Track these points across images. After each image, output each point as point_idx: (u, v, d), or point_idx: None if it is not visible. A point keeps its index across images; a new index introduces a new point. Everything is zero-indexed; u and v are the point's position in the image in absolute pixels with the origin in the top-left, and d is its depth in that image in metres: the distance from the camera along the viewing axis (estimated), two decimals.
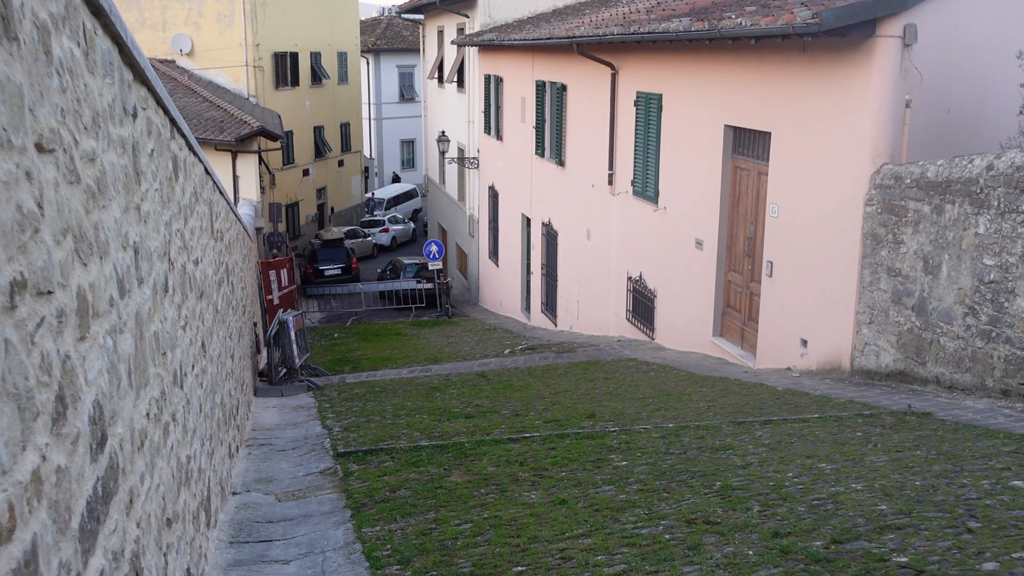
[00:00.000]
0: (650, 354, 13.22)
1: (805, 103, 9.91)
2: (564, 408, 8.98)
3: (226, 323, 8.11)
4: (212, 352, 6.48)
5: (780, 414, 7.60)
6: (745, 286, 11.67)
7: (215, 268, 7.29)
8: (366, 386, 12.94)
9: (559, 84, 18.45)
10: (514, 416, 8.82)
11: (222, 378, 7.22)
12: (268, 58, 33.41)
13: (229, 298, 8.70)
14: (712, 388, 9.48)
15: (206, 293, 6.36)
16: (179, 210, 5.07)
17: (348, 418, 10.13)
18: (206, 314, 6.21)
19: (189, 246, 5.47)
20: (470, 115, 27.07)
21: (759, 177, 11.20)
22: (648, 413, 8.17)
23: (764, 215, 11.01)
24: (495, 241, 25.11)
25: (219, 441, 6.51)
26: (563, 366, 12.80)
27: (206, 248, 6.59)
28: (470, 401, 10.23)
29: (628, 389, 10.00)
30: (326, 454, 7.97)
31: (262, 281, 20.24)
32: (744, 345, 11.75)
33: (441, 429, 8.47)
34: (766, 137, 10.88)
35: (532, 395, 10.22)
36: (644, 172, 14.35)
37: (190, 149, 5.95)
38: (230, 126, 25.13)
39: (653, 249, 14.23)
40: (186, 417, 4.68)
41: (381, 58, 51.49)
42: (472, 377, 12.53)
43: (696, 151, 12.61)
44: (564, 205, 18.69)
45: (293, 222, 35.16)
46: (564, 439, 7.22)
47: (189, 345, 5.08)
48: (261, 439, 9.44)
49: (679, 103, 13.09)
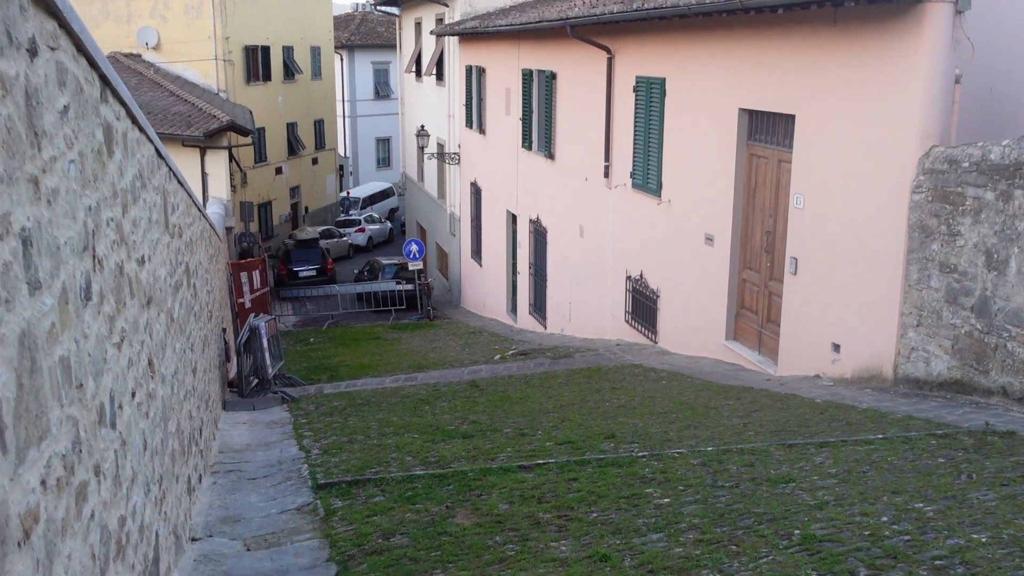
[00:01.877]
0: (655, 359, 12.18)
1: (837, 81, 8.89)
2: (575, 425, 7.90)
3: (186, 333, 6.97)
4: (165, 370, 5.35)
5: (833, 433, 6.56)
6: (763, 285, 10.65)
7: (170, 269, 6.15)
8: (346, 398, 11.80)
9: (548, 72, 17.37)
10: (519, 435, 7.72)
11: (179, 399, 6.08)
12: (238, 52, 32.10)
13: (190, 303, 7.55)
14: (739, 400, 8.44)
15: (156, 299, 5.23)
16: (114, 194, 3.95)
17: (328, 437, 9.00)
18: (156, 325, 5.07)
19: (130, 241, 4.34)
20: (450, 109, 25.94)
21: (779, 165, 10.17)
22: (676, 432, 7.10)
23: (786, 207, 10.00)
24: (478, 240, 24.00)
25: (174, 478, 5.38)
26: (562, 373, 11.72)
27: (157, 245, 5.45)
28: (465, 416, 9.13)
29: (643, 401, 8.93)
30: (304, 484, 6.84)
31: (232, 283, 19.04)
32: (762, 349, 10.72)
33: (436, 452, 7.36)
34: (789, 121, 9.86)
35: (535, 409, 9.13)
36: (645, 163, 13.31)
37: (135, 123, 4.82)
38: (198, 121, 23.88)
39: (656, 246, 13.19)
40: (120, 464, 3.56)
41: (355, 54, 50.18)
42: (463, 387, 11.42)
43: (705, 139, 11.58)
44: (554, 201, 17.62)
45: (266, 222, 33.85)
46: (585, 466, 6.14)
47: (128, 367, 3.96)
48: (229, 464, 8.28)
49: (685, 87, 12.05)
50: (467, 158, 24.52)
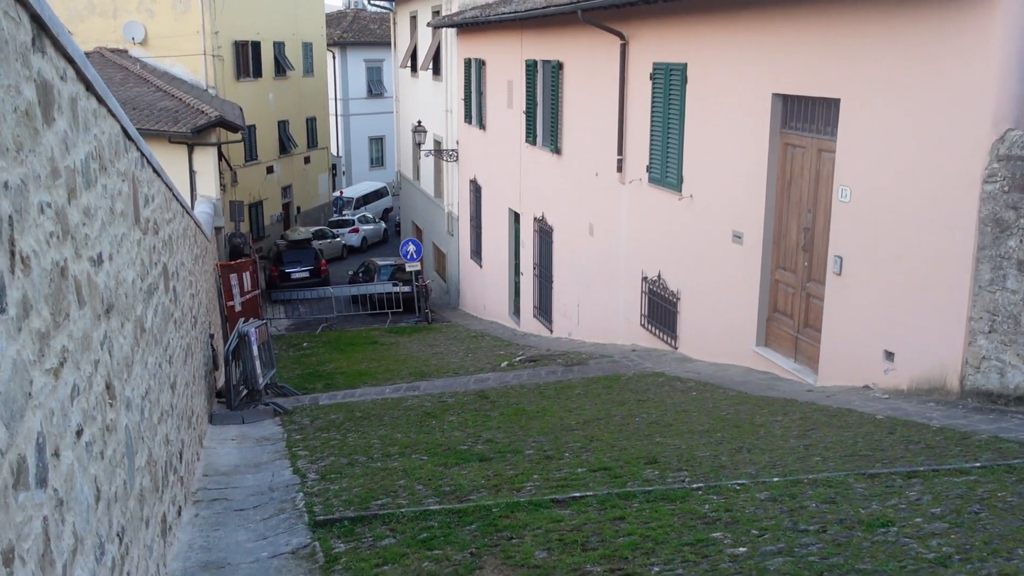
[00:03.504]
0: (678, 367, 11.27)
1: (891, 58, 8.00)
2: (607, 446, 6.98)
3: (162, 343, 6.03)
4: (131, 393, 4.42)
5: (915, 460, 5.66)
6: (800, 286, 9.76)
7: (141, 270, 5.21)
8: (344, 410, 10.87)
9: (554, 62, 16.46)
10: (544, 459, 6.80)
11: (152, 424, 5.15)
12: (228, 47, 31.10)
13: (168, 309, 6.61)
14: (787, 415, 7.53)
15: (121, 307, 4.30)
16: (53, 173, 3.04)
17: (325, 457, 8.07)
18: (119, 338, 4.15)
19: (80, 236, 3.42)
20: (448, 104, 25.01)
21: (819, 155, 9.28)
22: (729, 457, 6.19)
23: (828, 200, 9.10)
24: (478, 240, 23.07)
25: (143, 523, 4.44)
26: (578, 383, 10.81)
27: (122, 242, 4.52)
28: (478, 434, 8.20)
29: (677, 416, 8.02)
30: (299, 520, 5.91)
31: (222, 286, 18.10)
32: (799, 357, 9.83)
33: (451, 479, 6.44)
34: (832, 106, 8.97)
35: (556, 425, 8.21)
36: (664, 156, 12.40)
37: (91, 91, 3.90)
38: (186, 116, 22.90)
39: (675, 245, 12.29)
40: (54, 534, 2.63)
41: (348, 52, 49.18)
42: (472, 399, 10.50)
43: (733, 128, 10.68)
44: (561, 197, 16.70)
45: (257, 222, 32.85)
46: (630, 501, 5.23)
47: (71, 397, 3.03)
48: (214, 490, 7.34)
49: (709, 72, 11.15)
50: (466, 155, 23.59)
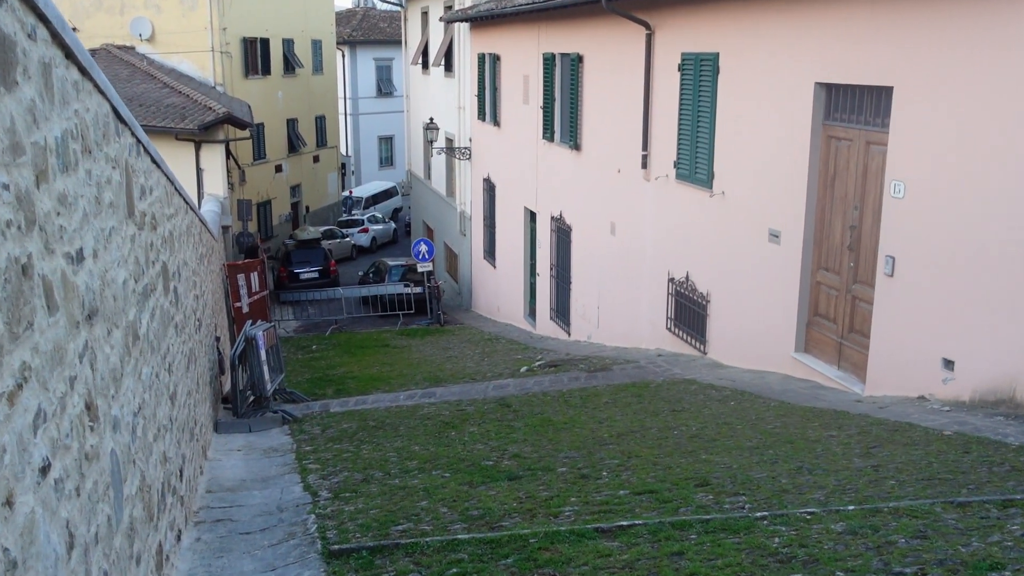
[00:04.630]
0: (709, 373, 10.64)
1: (953, 42, 7.36)
2: (648, 464, 6.36)
3: (160, 351, 5.44)
4: (120, 411, 3.83)
5: (1003, 484, 5.03)
6: (844, 288, 9.13)
7: (135, 270, 4.62)
8: (356, 418, 10.28)
9: (573, 55, 15.84)
10: (579, 478, 6.19)
11: (147, 443, 4.56)
12: (236, 44, 30.56)
13: (168, 313, 6.03)
14: (843, 430, 6.90)
15: (108, 311, 3.72)
16: (13, 148, 2.46)
17: (338, 471, 7.47)
18: (104, 348, 3.56)
19: (52, 227, 2.84)
20: (460, 101, 24.42)
21: (868, 148, 8.65)
22: (789, 478, 5.56)
23: (878, 196, 8.47)
24: (492, 239, 22.47)
25: (132, 560, 3.85)
26: (605, 390, 10.19)
27: (111, 237, 3.94)
28: (503, 447, 7.59)
29: (719, 430, 7.39)
30: (311, 547, 5.31)
31: (229, 286, 17.54)
32: (843, 364, 9.19)
33: (478, 501, 5.83)
34: (883, 95, 8.34)
35: (587, 438, 7.59)
36: (693, 151, 11.78)
37: (71, 60, 3.32)
38: (193, 113, 22.37)
39: (705, 244, 11.66)
40: None
41: (357, 50, 48.61)
42: (492, 407, 9.89)
43: (769, 121, 10.06)
44: (580, 195, 16.09)
45: (265, 222, 32.31)
46: (686, 532, 4.61)
47: (33, 428, 2.44)
48: (218, 508, 6.75)
49: (744, 62, 10.53)
50: (479, 152, 22.99)
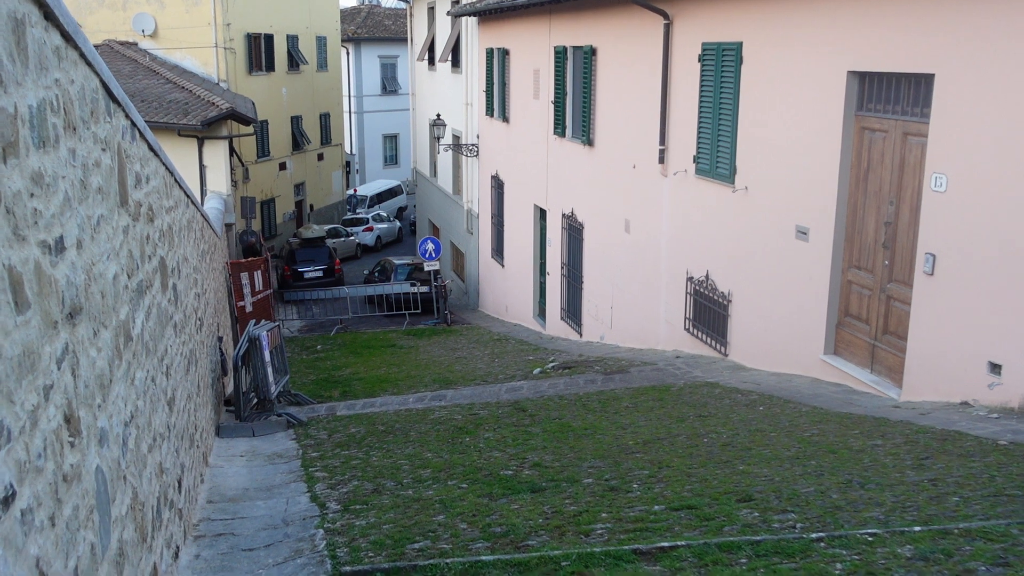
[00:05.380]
0: (732, 376, 10.20)
1: (1003, 25, 6.92)
2: (681, 475, 5.91)
3: (157, 352, 5.02)
4: (108, 421, 3.40)
5: None
6: (878, 288, 8.68)
7: (128, 264, 4.19)
8: (364, 422, 9.85)
9: (586, 48, 15.40)
10: (608, 491, 5.74)
11: (141, 454, 4.13)
12: (240, 40, 30.16)
13: (166, 311, 5.60)
14: (887, 438, 6.45)
15: (94, 309, 3.29)
16: None
17: (347, 481, 7.04)
18: (88, 352, 3.13)
19: (22, 210, 2.42)
20: (468, 97, 23.99)
21: (905, 139, 8.20)
22: (840, 493, 5.12)
23: (917, 190, 8.02)
24: (500, 238, 22.03)
25: None
26: (624, 394, 9.75)
27: (99, 226, 3.51)
28: (522, 455, 7.15)
29: (752, 437, 6.95)
30: (320, 567, 4.87)
31: (232, 285, 17.14)
32: (876, 367, 8.75)
33: (500, 516, 5.39)
34: (923, 82, 7.89)
35: (611, 446, 7.15)
36: (714, 145, 11.33)
37: (50, 21, 2.89)
38: (196, 108, 21.98)
39: (727, 241, 11.21)
40: None
41: (362, 48, 48.21)
42: (507, 411, 9.45)
43: (798, 112, 9.61)
44: (593, 192, 15.65)
45: (269, 220, 31.89)
46: (735, 555, 4.18)
47: None
48: (219, 521, 6.32)
49: (770, 51, 10.08)
50: (487, 149, 22.56)
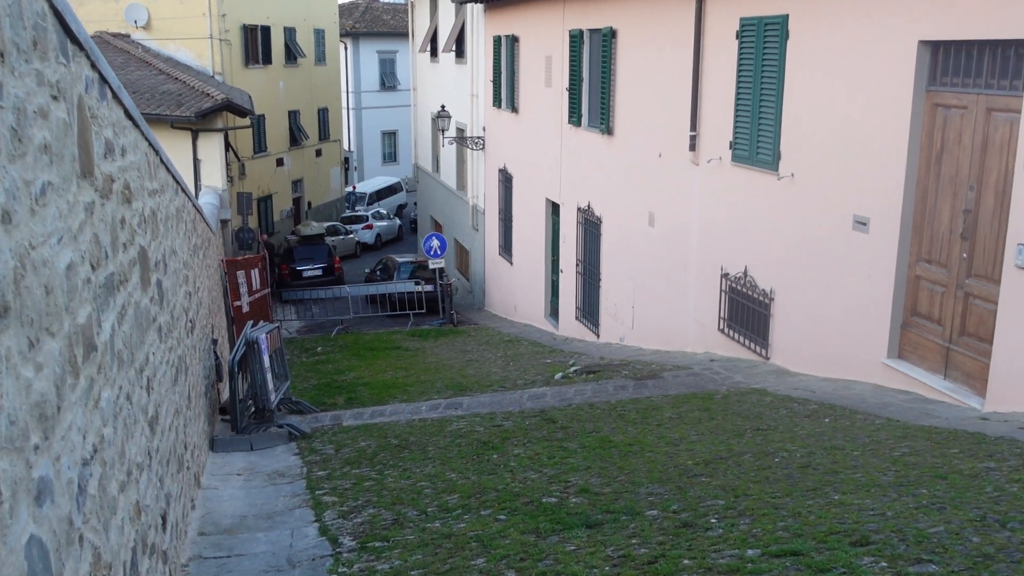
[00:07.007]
0: (778, 382, 9.25)
1: None
2: (766, 506, 4.95)
3: (135, 363, 4.05)
4: (53, 468, 2.41)
5: None
6: (954, 284, 7.73)
7: (92, 251, 3.22)
8: (375, 434, 8.88)
9: (605, 30, 14.45)
10: (681, 526, 4.78)
11: (107, 501, 3.16)
12: (236, 31, 29.18)
13: (149, 312, 4.63)
14: (1000, 460, 5.49)
15: (32, 310, 2.30)
16: None
17: (361, 508, 6.08)
18: (22, 372, 2.15)
19: None
20: (473, 88, 23.02)
21: (988, 116, 7.26)
22: (980, 536, 4.15)
23: (1004, 174, 7.08)
24: (508, 234, 21.07)
25: None
26: (663, 402, 8.79)
27: (44, 197, 2.53)
28: (563, 478, 6.19)
29: (832, 456, 5.98)
30: None
31: (228, 284, 16.13)
32: (951, 372, 7.80)
33: (555, 561, 4.42)
34: (1012, 50, 6.95)
35: (667, 466, 6.19)
36: (754, 129, 10.38)
37: None
38: (190, 100, 20.99)
39: (769, 235, 10.26)
40: None
41: (360, 43, 47.25)
42: (534, 421, 8.49)
43: (856, 89, 8.66)
44: (612, 184, 14.69)
45: (266, 217, 30.92)
46: None
47: None
48: (212, 560, 5.35)
49: (821, 22, 9.13)
50: (494, 142, 21.59)
